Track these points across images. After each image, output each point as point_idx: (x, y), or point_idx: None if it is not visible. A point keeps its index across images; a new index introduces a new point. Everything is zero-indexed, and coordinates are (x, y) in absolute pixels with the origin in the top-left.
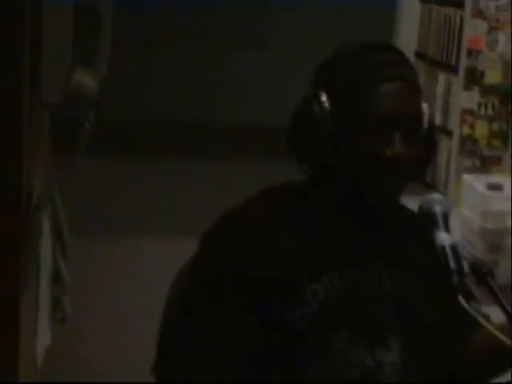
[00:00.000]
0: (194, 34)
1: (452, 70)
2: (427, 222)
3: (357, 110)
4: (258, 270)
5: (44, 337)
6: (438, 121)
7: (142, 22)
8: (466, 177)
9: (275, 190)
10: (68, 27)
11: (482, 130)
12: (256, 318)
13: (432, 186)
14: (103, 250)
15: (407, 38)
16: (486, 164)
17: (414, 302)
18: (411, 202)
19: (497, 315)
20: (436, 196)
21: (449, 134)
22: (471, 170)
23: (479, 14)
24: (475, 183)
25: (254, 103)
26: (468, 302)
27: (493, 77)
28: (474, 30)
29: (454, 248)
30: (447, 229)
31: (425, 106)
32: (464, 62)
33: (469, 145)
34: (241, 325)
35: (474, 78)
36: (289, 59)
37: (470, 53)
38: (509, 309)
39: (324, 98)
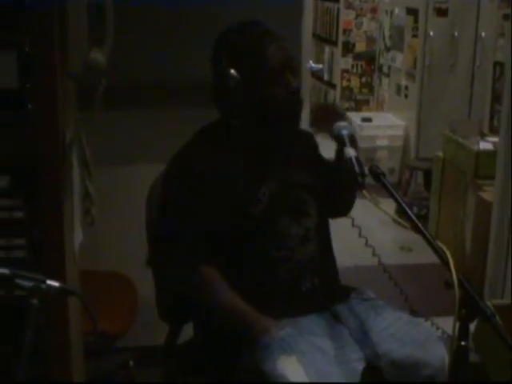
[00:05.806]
0: None
1: (333, 43)
2: (338, 141)
3: (260, 68)
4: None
5: (78, 235)
6: (326, 77)
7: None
8: (348, 114)
9: (209, 129)
10: (84, 19)
11: (355, 82)
12: (229, 214)
13: None
14: (113, 174)
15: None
16: (359, 105)
17: (317, 186)
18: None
19: (389, 202)
20: (342, 123)
21: (333, 86)
22: (350, 109)
23: (349, 5)
24: (353, 118)
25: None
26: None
27: (360, 47)
28: (347, 16)
29: (357, 158)
30: (352, 145)
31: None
32: (341, 38)
33: (347, 93)
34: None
35: (347, 48)
36: None
37: (344, 31)
38: (397, 197)
39: (233, 72)
